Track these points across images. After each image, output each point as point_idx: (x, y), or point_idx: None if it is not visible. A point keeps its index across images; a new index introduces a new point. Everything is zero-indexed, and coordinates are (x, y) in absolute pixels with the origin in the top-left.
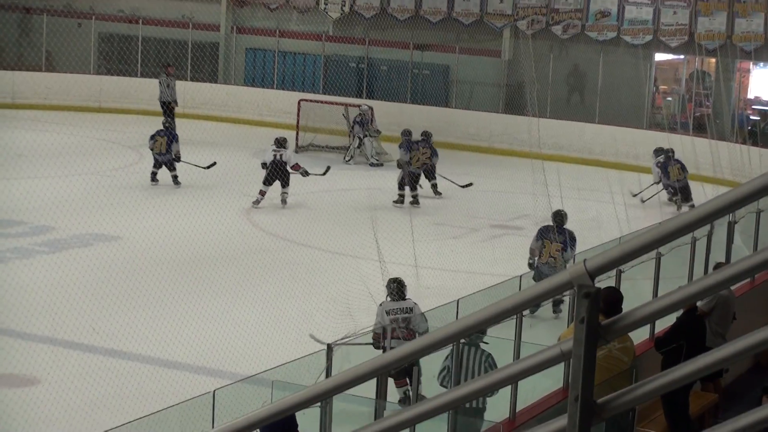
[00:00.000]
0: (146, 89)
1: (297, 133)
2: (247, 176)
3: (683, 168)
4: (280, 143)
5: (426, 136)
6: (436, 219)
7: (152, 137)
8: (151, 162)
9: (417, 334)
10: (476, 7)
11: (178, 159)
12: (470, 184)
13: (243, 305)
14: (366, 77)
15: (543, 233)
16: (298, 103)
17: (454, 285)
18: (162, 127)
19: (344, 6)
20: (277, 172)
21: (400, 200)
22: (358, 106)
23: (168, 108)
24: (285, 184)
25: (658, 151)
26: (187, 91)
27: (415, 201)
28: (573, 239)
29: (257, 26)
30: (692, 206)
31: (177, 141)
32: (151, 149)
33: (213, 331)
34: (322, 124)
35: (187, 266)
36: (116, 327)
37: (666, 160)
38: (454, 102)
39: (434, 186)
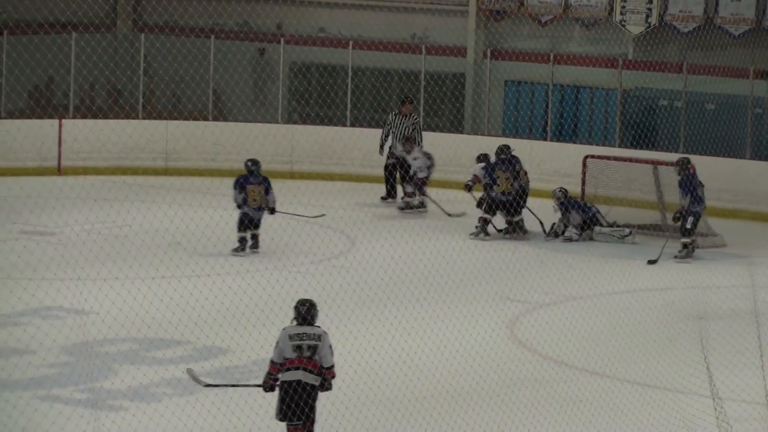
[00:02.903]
0: (357, 142)
1: (582, 189)
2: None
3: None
4: None
5: None
6: None
7: (239, 185)
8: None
9: (322, 368)
10: None
11: (272, 211)
12: None
13: None
14: (684, 120)
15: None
16: (584, 160)
17: None
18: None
19: (650, 17)
20: None
21: None
22: (674, 163)
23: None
24: None
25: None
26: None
27: None
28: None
29: (520, 48)
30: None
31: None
32: (240, 205)
33: None
34: (618, 191)
35: (428, 402)
36: None
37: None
38: None
39: None
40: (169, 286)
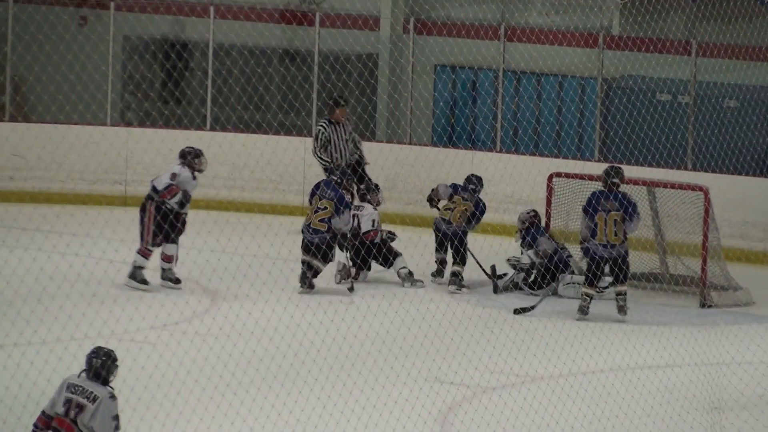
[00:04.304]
0: (220, 152)
1: (547, 222)
2: None
3: None
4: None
5: None
6: None
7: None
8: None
9: None
10: None
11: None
12: None
13: None
14: (692, 122)
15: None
16: (549, 180)
17: None
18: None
19: None
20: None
21: None
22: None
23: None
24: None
25: None
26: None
27: None
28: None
29: (457, 18)
30: None
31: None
32: (306, 229)
33: None
34: None
35: None
36: None
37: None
38: None
39: None
40: None
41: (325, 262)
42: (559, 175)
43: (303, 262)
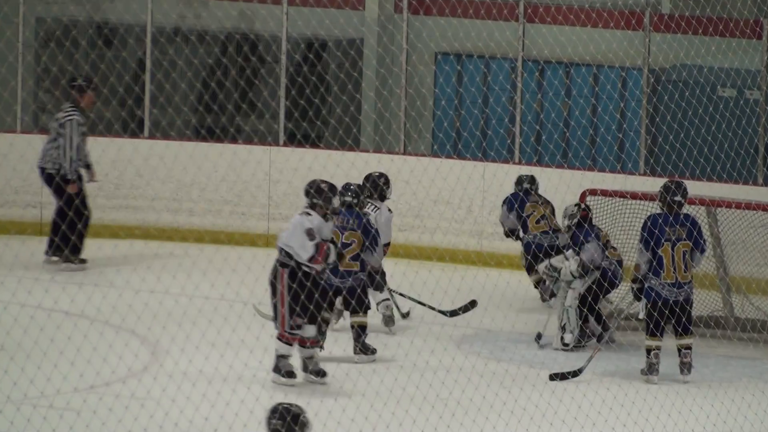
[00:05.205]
0: (158, 167)
1: None
2: None
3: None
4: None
5: None
6: None
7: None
8: None
9: None
10: None
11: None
12: None
13: None
14: (765, 124)
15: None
16: (581, 197)
17: None
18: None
19: None
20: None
21: None
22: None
23: None
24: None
25: None
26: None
27: None
28: None
29: None
30: None
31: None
32: (328, 264)
33: None
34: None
35: None
36: None
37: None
38: None
39: None
40: None
41: (365, 312)
42: (594, 192)
43: (322, 322)
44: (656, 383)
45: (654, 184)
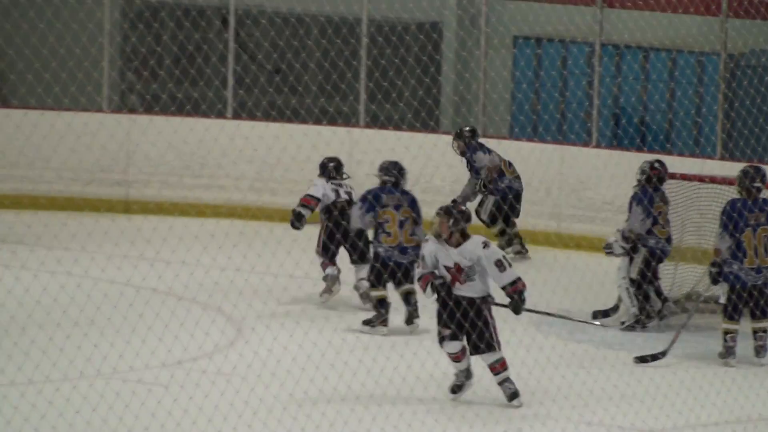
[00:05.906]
0: (245, 145)
1: None
2: None
3: None
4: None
5: None
6: None
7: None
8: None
9: None
10: None
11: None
12: None
13: None
14: None
15: None
16: None
17: None
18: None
19: None
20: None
21: None
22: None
23: None
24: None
25: None
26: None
27: None
28: None
29: None
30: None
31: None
32: (392, 252)
33: None
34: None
35: None
36: None
37: None
38: None
39: None
40: None
41: (411, 282)
42: (672, 176)
43: (380, 300)
44: (734, 366)
45: (731, 168)
